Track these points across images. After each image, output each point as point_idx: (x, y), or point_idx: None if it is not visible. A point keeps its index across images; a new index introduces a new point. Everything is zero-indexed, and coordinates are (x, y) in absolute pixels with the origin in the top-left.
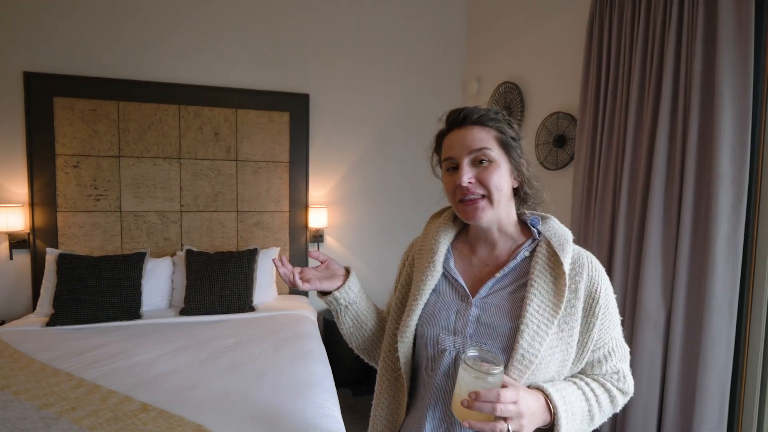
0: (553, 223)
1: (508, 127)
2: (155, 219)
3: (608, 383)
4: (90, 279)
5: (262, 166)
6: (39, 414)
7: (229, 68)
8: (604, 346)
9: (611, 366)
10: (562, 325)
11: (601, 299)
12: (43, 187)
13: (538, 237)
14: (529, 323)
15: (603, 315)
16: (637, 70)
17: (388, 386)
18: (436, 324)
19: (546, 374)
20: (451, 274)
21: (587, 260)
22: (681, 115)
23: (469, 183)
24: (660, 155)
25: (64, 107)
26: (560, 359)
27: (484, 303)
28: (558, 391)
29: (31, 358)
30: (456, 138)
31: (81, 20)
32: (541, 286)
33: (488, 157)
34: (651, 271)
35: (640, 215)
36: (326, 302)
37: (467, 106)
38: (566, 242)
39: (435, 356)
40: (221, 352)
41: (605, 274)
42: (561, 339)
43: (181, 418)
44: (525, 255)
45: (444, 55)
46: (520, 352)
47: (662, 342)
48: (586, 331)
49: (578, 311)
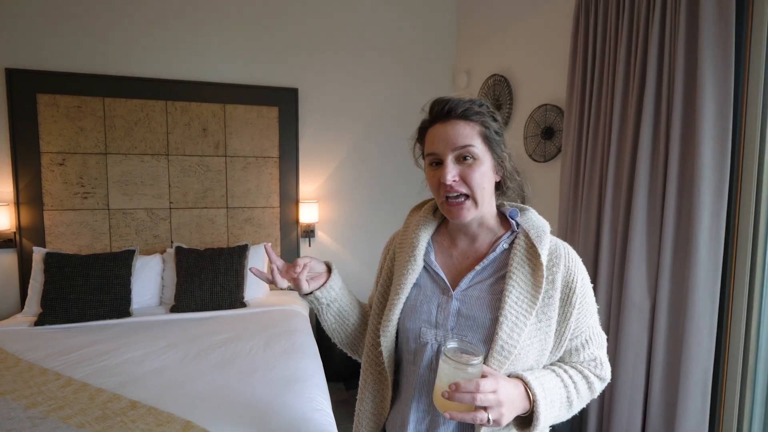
0: (532, 215)
1: (492, 120)
2: (144, 216)
3: (586, 370)
4: (78, 278)
5: (251, 161)
6: (26, 413)
7: (216, 63)
8: (581, 335)
9: (588, 353)
10: (540, 315)
11: (578, 289)
12: (29, 186)
13: (516, 229)
14: (508, 314)
15: (580, 304)
16: (622, 62)
17: (372, 381)
18: (418, 318)
19: (525, 363)
20: (432, 267)
21: (564, 251)
22: (665, 106)
23: (453, 181)
24: (644, 146)
25: (48, 104)
26: (539, 349)
27: (464, 296)
28: (537, 379)
29: (19, 357)
30: (440, 132)
31: (64, 15)
32: (520, 278)
33: (472, 155)
34: (636, 261)
35: (626, 206)
36: (308, 301)
37: (452, 96)
38: (544, 234)
39: (417, 350)
40: (212, 348)
41: (582, 264)
42: (539, 329)
43: (170, 415)
44: (504, 247)
45: (433, 49)
46: (499, 343)
47: (647, 330)
48: (564, 320)
49: (555, 301)
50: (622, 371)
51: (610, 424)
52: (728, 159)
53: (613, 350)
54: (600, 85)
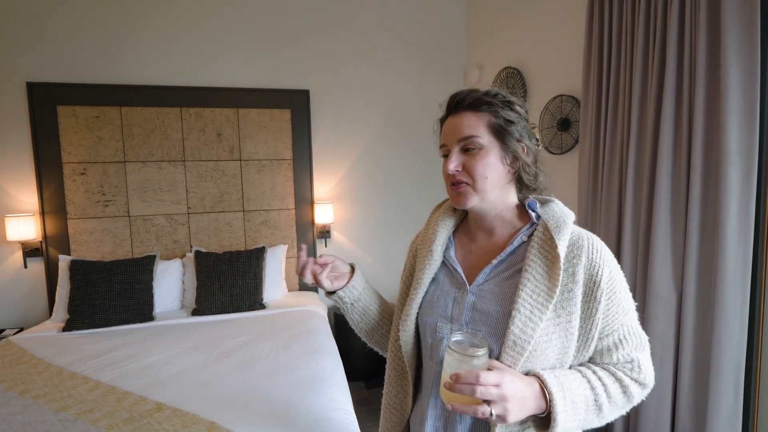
0: (554, 206)
1: (507, 109)
2: (163, 222)
3: (620, 372)
4: (102, 283)
5: (265, 164)
6: (57, 417)
7: (228, 68)
8: (613, 333)
9: (623, 355)
10: (559, 310)
11: (603, 283)
12: (53, 196)
13: (536, 221)
14: (521, 309)
15: (608, 300)
16: (640, 47)
17: (395, 375)
18: (435, 312)
19: (545, 362)
20: (450, 262)
21: (587, 242)
22: (686, 92)
23: (455, 171)
24: (666, 134)
25: (68, 115)
26: (559, 346)
27: (480, 290)
28: (555, 378)
29: (49, 363)
30: (448, 125)
31: (80, 28)
32: (536, 271)
33: (476, 145)
34: (660, 252)
35: (648, 196)
36: (332, 300)
37: (465, 89)
38: (563, 224)
39: (434, 344)
40: (233, 350)
41: (610, 256)
42: (558, 325)
43: (194, 416)
44: (522, 240)
45: (444, 44)
46: (511, 338)
47: (674, 323)
48: (588, 317)
49: (576, 296)
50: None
51: (638, 422)
52: (756, 143)
53: None
54: (618, 73)
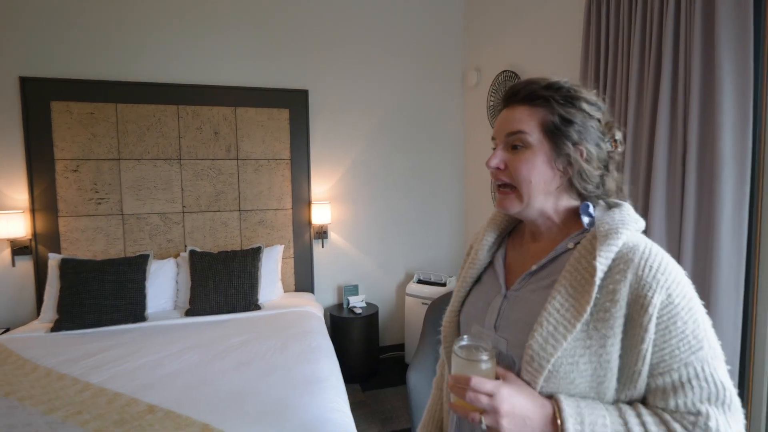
0: (618, 211)
1: (568, 105)
2: (157, 221)
3: (675, 423)
4: (94, 283)
5: (263, 164)
6: (44, 419)
7: (226, 66)
8: (671, 373)
9: (684, 403)
10: (591, 331)
11: (652, 307)
12: (44, 193)
13: (588, 227)
14: (544, 322)
15: (663, 329)
16: (636, 51)
17: (440, 376)
18: (470, 313)
19: (574, 389)
20: (495, 265)
21: (640, 257)
22: (681, 95)
23: (496, 167)
24: (662, 136)
25: (62, 111)
26: (590, 373)
27: (514, 296)
28: (576, 407)
29: (36, 364)
30: (500, 118)
31: (76, 23)
32: (569, 283)
33: (524, 142)
34: None
35: (644, 199)
36: None
37: (528, 79)
38: (615, 233)
39: None
40: (228, 351)
41: (675, 277)
42: (588, 347)
43: (188, 418)
44: (567, 247)
45: (442, 46)
46: (529, 353)
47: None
48: (633, 345)
49: (614, 318)
50: None
51: None
52: (749, 146)
53: None
54: (614, 76)
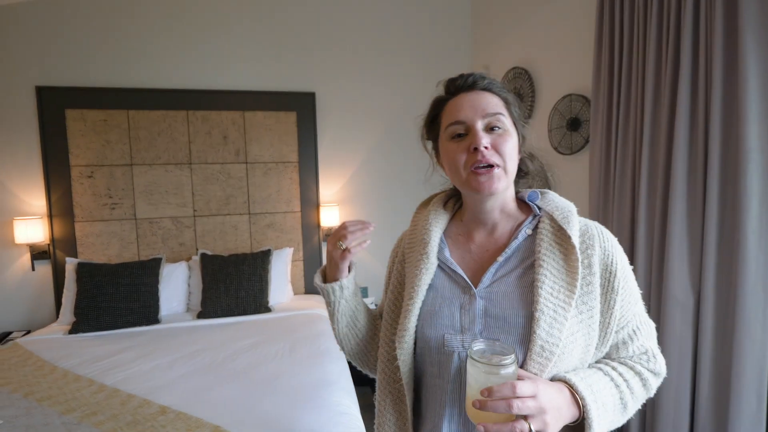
0: (553, 197)
1: (514, 98)
2: (169, 225)
3: (638, 365)
4: (109, 286)
5: (271, 167)
6: (61, 420)
7: (234, 71)
8: (628, 325)
9: (638, 346)
10: (581, 306)
11: (618, 272)
12: (60, 198)
13: (538, 212)
14: (545, 309)
15: (623, 289)
16: (653, 42)
17: (391, 401)
18: (439, 323)
19: (568, 364)
20: (448, 265)
21: (597, 231)
22: (702, 88)
23: (485, 148)
24: (681, 132)
25: (76, 119)
26: (583, 345)
27: (489, 293)
28: (583, 381)
29: (54, 365)
30: (466, 101)
31: (87, 33)
32: (551, 265)
33: (502, 125)
34: (677, 254)
35: (663, 196)
36: (327, 291)
37: (477, 72)
38: (570, 214)
39: (442, 361)
40: (238, 353)
41: (618, 244)
42: (581, 322)
43: (198, 420)
44: (527, 233)
45: (450, 45)
46: (538, 344)
47: (692, 327)
48: (607, 309)
49: (596, 288)
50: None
51: (654, 430)
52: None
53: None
54: (629, 69)
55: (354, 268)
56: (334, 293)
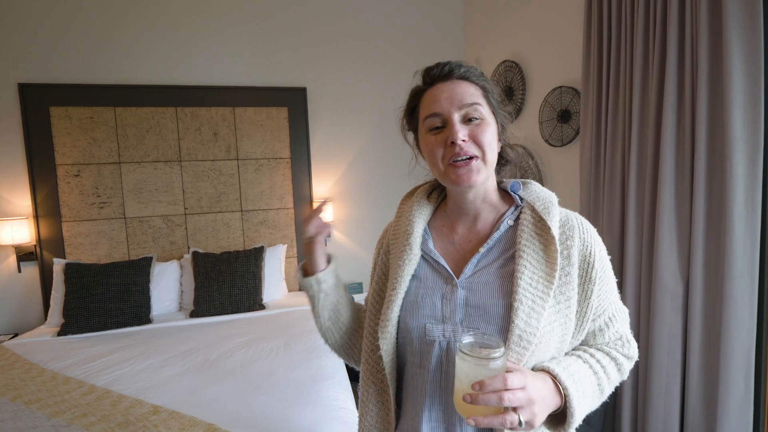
0: (535, 187)
1: (491, 85)
2: (160, 223)
3: (613, 351)
4: (98, 286)
5: (263, 163)
6: (50, 422)
7: (223, 66)
8: (604, 313)
9: (613, 332)
10: (558, 296)
11: (596, 262)
12: (46, 198)
13: (520, 203)
14: (523, 299)
15: (600, 279)
16: (640, 34)
17: (374, 390)
18: (421, 313)
19: (546, 353)
20: (431, 256)
21: (577, 222)
22: (689, 78)
23: (463, 141)
24: (669, 122)
25: (62, 116)
26: (560, 334)
27: (470, 283)
28: (565, 370)
29: (42, 367)
30: (442, 91)
31: (72, 28)
32: (531, 256)
33: (480, 115)
34: (666, 242)
35: (651, 185)
36: (305, 285)
37: (456, 61)
38: (551, 205)
39: (423, 350)
40: (232, 351)
41: (597, 235)
42: (558, 312)
43: (192, 419)
44: (509, 224)
45: (441, 39)
46: (516, 333)
47: (681, 314)
48: (585, 299)
49: (574, 279)
50: (656, 359)
51: (646, 414)
52: (761, 128)
53: (646, 337)
54: (618, 61)
55: (334, 261)
56: (312, 287)
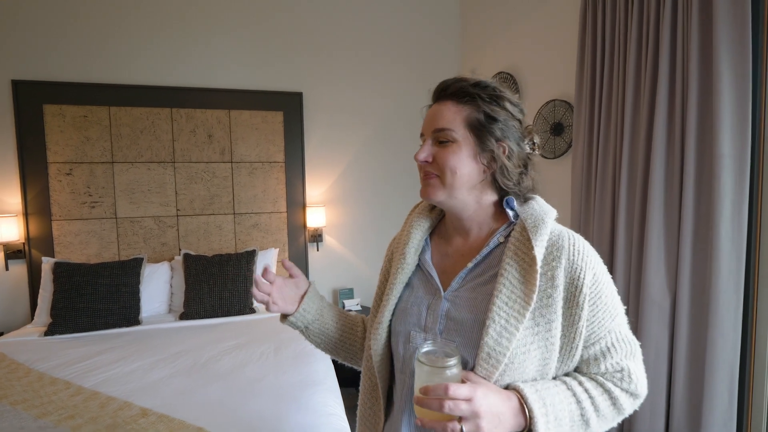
0: (534, 204)
1: (493, 104)
2: (151, 224)
3: (608, 383)
4: (87, 286)
5: (257, 167)
6: (36, 423)
7: (220, 69)
8: (600, 341)
9: (612, 364)
10: (537, 318)
11: (585, 287)
12: (37, 196)
13: (514, 220)
14: (495, 317)
15: (592, 305)
16: (633, 51)
17: (368, 387)
18: (408, 321)
19: (524, 375)
20: (425, 267)
21: (568, 242)
22: (679, 96)
23: (424, 161)
24: (659, 138)
25: (55, 114)
26: (539, 357)
27: (454, 296)
28: (537, 392)
29: (29, 368)
30: (430, 113)
31: (68, 26)
32: (512, 275)
33: (450, 138)
34: (654, 256)
35: (641, 200)
36: (288, 326)
37: (457, 77)
38: (542, 223)
39: (406, 356)
40: (222, 354)
41: (594, 257)
42: (536, 334)
43: (181, 422)
44: (498, 241)
45: (438, 48)
46: (485, 350)
47: (668, 327)
48: (571, 324)
49: (556, 302)
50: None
51: (632, 427)
52: (749, 146)
53: None
54: (611, 77)
55: (310, 294)
56: (292, 326)
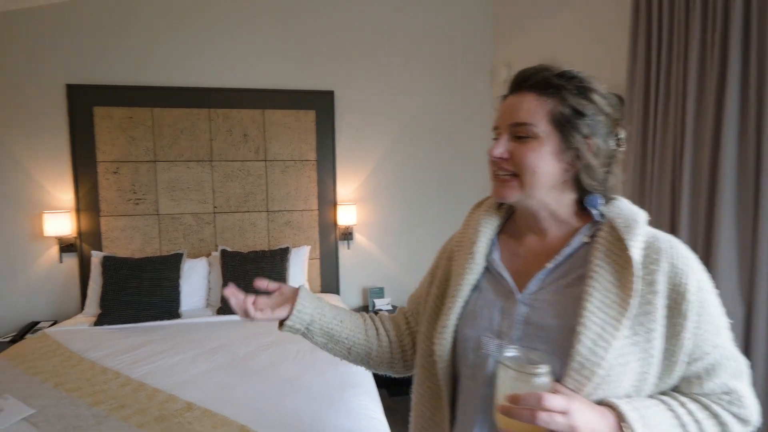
0: (620, 203)
1: (581, 97)
2: (190, 220)
3: (715, 405)
4: (132, 280)
5: (290, 165)
6: (90, 411)
7: (254, 69)
8: (705, 358)
9: (718, 384)
10: (636, 327)
11: (690, 294)
12: (87, 193)
13: (599, 219)
14: (589, 324)
15: (697, 315)
16: (697, 36)
17: (428, 396)
18: (478, 325)
19: (618, 390)
20: (495, 267)
21: (667, 245)
22: (754, 90)
23: (499, 157)
24: (730, 132)
25: (104, 116)
26: (637, 372)
27: (534, 300)
28: (636, 410)
29: (81, 356)
30: (505, 105)
31: (117, 33)
32: (604, 278)
33: (530, 133)
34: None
35: (707, 199)
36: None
37: (539, 65)
38: (635, 223)
39: (477, 363)
40: (258, 350)
41: (697, 262)
42: (635, 344)
43: (224, 418)
44: (583, 241)
45: (470, 43)
46: (578, 360)
47: (741, 341)
48: (673, 335)
49: (657, 309)
50: None
51: None
52: None
53: None
54: (668, 66)
55: (302, 291)
56: (292, 330)
